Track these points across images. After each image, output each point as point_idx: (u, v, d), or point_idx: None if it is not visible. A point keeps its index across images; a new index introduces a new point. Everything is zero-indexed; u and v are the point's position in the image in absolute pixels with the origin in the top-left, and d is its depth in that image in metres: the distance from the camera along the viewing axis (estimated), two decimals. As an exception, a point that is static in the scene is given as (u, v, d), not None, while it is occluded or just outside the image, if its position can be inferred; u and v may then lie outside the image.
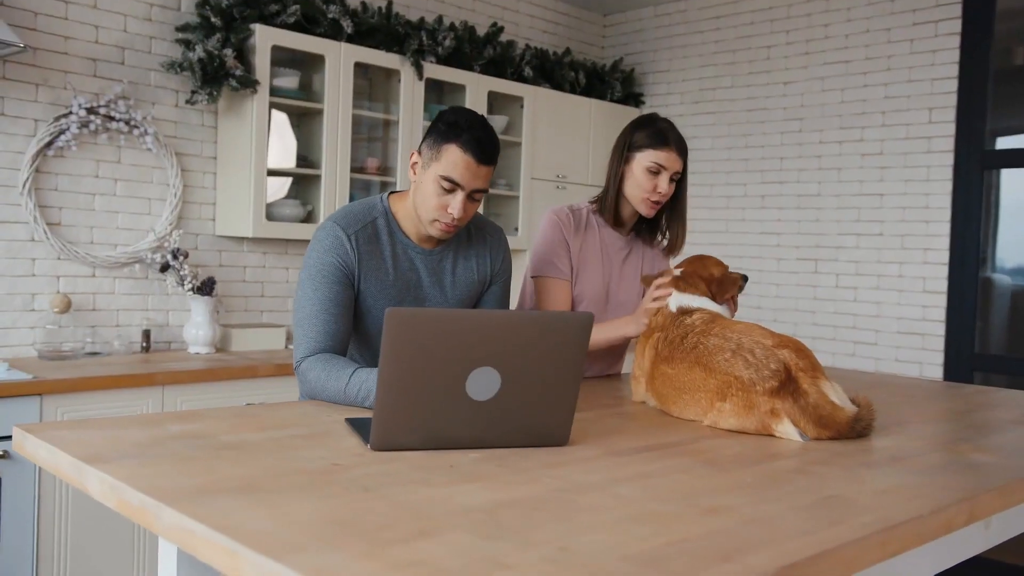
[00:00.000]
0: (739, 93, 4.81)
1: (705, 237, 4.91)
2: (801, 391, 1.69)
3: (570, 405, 1.53)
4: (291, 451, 1.43)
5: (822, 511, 1.21)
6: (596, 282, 2.41)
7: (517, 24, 4.98)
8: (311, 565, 0.91)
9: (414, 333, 1.40)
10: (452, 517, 1.11)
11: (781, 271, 4.61)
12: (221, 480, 1.23)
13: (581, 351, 1.51)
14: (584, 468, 1.40)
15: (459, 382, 1.44)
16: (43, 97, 3.35)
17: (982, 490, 1.37)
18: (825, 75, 4.47)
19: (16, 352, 3.33)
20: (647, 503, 1.22)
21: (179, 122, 3.71)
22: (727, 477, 1.39)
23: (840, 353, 4.39)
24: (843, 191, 4.40)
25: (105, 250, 3.53)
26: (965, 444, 1.74)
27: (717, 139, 4.89)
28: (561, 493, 1.25)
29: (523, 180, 4.62)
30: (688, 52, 5.05)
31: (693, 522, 1.13)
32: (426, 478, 1.30)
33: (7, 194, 3.29)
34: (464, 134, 1.90)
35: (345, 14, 3.82)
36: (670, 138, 2.34)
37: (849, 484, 1.37)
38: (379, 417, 1.43)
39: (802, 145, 4.55)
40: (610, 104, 5.03)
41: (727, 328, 1.82)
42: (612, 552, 1.00)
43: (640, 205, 2.36)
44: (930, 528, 1.22)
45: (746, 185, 4.77)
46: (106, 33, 3.50)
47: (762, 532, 1.10)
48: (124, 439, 1.44)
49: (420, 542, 1.01)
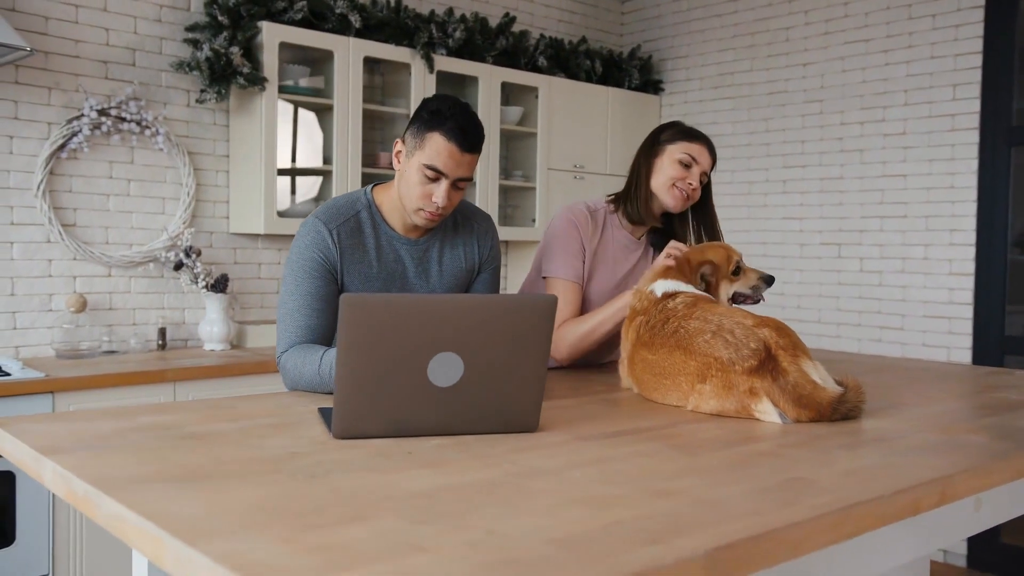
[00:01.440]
0: (759, 76, 4.72)
1: (728, 224, 4.82)
2: (781, 370, 1.65)
3: (538, 390, 1.51)
4: (253, 440, 1.42)
5: (778, 493, 1.17)
6: (607, 284, 2.36)
7: (532, 14, 4.95)
8: (222, 550, 0.90)
9: (370, 319, 1.38)
10: (390, 502, 1.09)
11: (804, 256, 4.52)
12: (170, 469, 1.23)
13: (545, 335, 1.48)
14: (546, 453, 1.37)
15: (420, 368, 1.43)
16: (56, 100, 3.41)
17: (959, 469, 1.32)
18: (845, 55, 4.37)
19: (35, 352, 3.40)
20: (597, 487, 1.19)
21: (191, 121, 3.75)
22: (691, 460, 1.35)
23: (866, 339, 4.29)
24: (866, 173, 4.30)
25: (120, 250, 3.58)
26: (960, 424, 1.67)
27: (737, 124, 4.81)
28: (513, 478, 1.22)
29: (539, 171, 4.59)
30: (707, 36, 4.97)
31: (637, 505, 1.10)
32: (379, 465, 1.28)
33: (22, 197, 3.35)
34: (448, 122, 1.88)
35: (353, 9, 3.82)
36: (701, 135, 2.33)
37: (818, 466, 1.32)
38: (339, 405, 1.42)
39: (823, 127, 4.46)
40: (628, 92, 4.97)
41: (708, 311, 1.78)
42: (539, 535, 0.98)
43: (667, 195, 2.29)
44: (892, 509, 1.17)
45: (768, 170, 4.68)
46: (116, 35, 3.55)
47: (706, 514, 1.07)
48: (88, 431, 1.45)
49: (346, 527, 0.99)
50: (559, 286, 2.28)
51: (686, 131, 2.33)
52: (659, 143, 2.33)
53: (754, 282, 2.10)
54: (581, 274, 2.30)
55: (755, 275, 2.11)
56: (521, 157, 4.74)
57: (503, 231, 4.49)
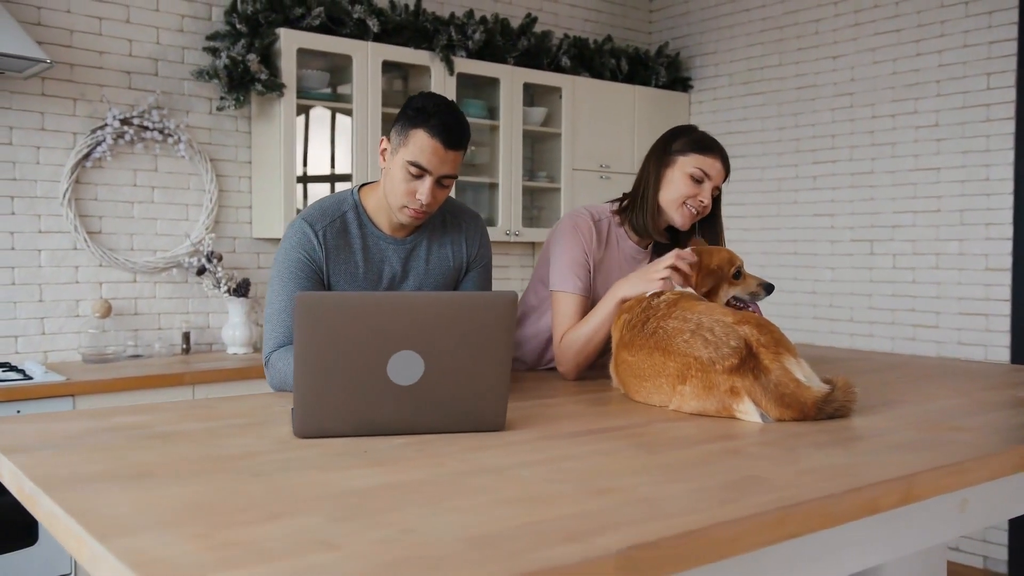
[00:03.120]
0: (788, 71, 4.63)
1: (757, 222, 4.76)
2: (762, 368, 1.61)
3: (502, 389, 1.49)
4: (216, 440, 1.43)
5: (723, 491, 1.14)
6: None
7: (556, 15, 4.93)
8: (128, 547, 0.90)
9: (326, 317, 1.38)
10: (320, 501, 1.08)
11: (835, 253, 4.42)
12: (120, 468, 1.24)
13: (507, 333, 1.46)
14: (502, 452, 1.35)
15: (380, 367, 1.42)
16: (80, 111, 3.49)
17: (928, 468, 1.27)
18: (876, 46, 4.26)
19: (63, 356, 3.48)
20: (539, 485, 1.17)
21: (214, 129, 3.81)
22: (650, 459, 1.32)
23: (900, 337, 4.17)
24: (898, 167, 4.18)
25: (145, 256, 3.65)
26: (949, 422, 1.61)
27: (767, 120, 4.72)
28: (457, 476, 1.21)
29: (564, 171, 4.56)
30: (735, 32, 4.89)
31: (572, 504, 1.08)
32: (328, 463, 1.28)
33: (49, 205, 3.44)
34: (432, 119, 1.88)
35: (371, 13, 3.85)
36: (716, 147, 2.18)
37: (778, 464, 1.28)
38: (299, 404, 1.42)
39: (854, 121, 4.35)
40: (655, 90, 4.92)
41: (688, 309, 1.74)
42: (456, 532, 0.96)
43: (676, 213, 2.17)
44: (844, 508, 1.13)
45: (797, 166, 4.59)
46: (139, 46, 3.62)
47: (638, 512, 1.04)
48: (59, 431, 1.47)
49: (264, 524, 0.99)
50: (564, 300, 2.16)
51: (700, 141, 2.17)
52: (671, 152, 2.19)
53: (753, 288, 2.05)
54: (587, 284, 2.18)
55: (755, 281, 2.05)
56: (546, 158, 4.72)
57: (528, 232, 4.47)
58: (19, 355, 3.40)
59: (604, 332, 2.07)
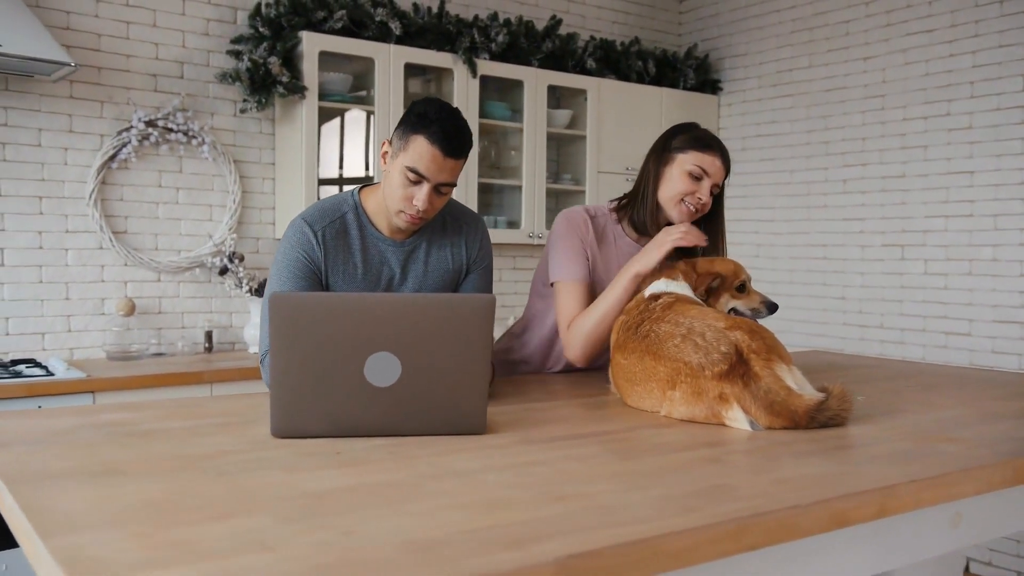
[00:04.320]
0: (817, 73, 4.55)
1: (786, 226, 4.68)
2: (752, 375, 1.57)
3: (481, 392, 1.48)
4: (195, 438, 1.44)
5: (686, 500, 1.11)
6: None
7: (584, 16, 4.90)
8: (66, 544, 0.91)
9: (301, 317, 1.38)
10: (275, 501, 1.08)
11: (865, 259, 4.33)
12: (90, 465, 1.25)
13: (485, 335, 1.45)
14: (475, 456, 1.34)
15: (357, 368, 1.41)
16: (108, 113, 3.55)
17: (909, 479, 1.23)
18: (908, 46, 4.17)
19: (88, 354, 3.54)
20: (501, 490, 1.15)
21: (238, 131, 3.85)
22: (623, 465, 1.30)
23: (931, 345, 4.07)
24: (929, 170, 4.09)
25: (169, 256, 3.71)
26: (946, 433, 1.56)
27: (796, 123, 4.65)
28: (421, 479, 1.20)
29: (589, 174, 4.54)
30: (765, 33, 4.83)
31: (527, 510, 1.06)
32: (296, 464, 1.28)
33: (76, 205, 3.50)
34: (432, 126, 1.87)
35: (393, 16, 3.86)
36: (715, 144, 2.17)
37: (753, 473, 1.25)
38: (275, 404, 1.42)
39: (884, 124, 4.26)
40: (683, 92, 4.87)
41: (681, 313, 1.71)
42: (397, 537, 0.95)
43: (674, 210, 2.16)
44: (811, 520, 1.10)
45: (827, 169, 4.50)
46: (165, 49, 3.68)
47: (591, 519, 1.02)
48: (43, 427, 1.49)
49: (210, 524, 0.99)
50: (567, 288, 2.16)
51: (699, 139, 2.16)
52: (670, 150, 2.18)
53: (756, 304, 1.99)
54: (588, 272, 2.17)
55: (758, 297, 2.00)
56: (571, 161, 4.70)
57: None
58: (45, 352, 3.47)
59: (616, 313, 2.02)
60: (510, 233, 4.32)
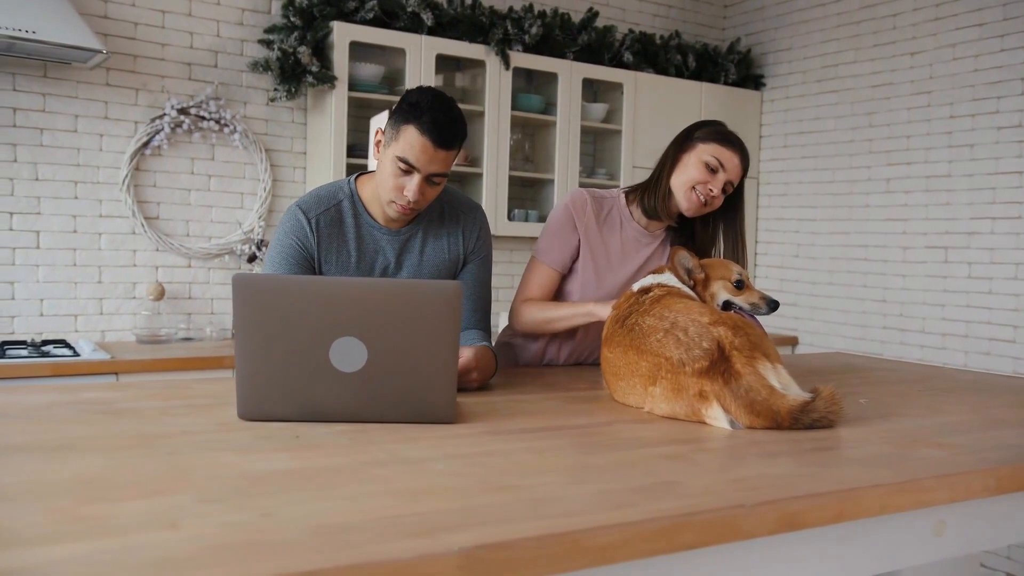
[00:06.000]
0: (863, 68, 4.42)
1: (827, 225, 4.56)
2: (734, 372, 1.52)
3: (449, 381, 1.45)
4: (163, 418, 1.44)
5: (630, 496, 1.07)
6: (609, 277, 2.21)
7: (624, 10, 4.84)
8: (-22, 515, 0.91)
9: (263, 300, 1.38)
10: (207, 482, 1.07)
11: (907, 261, 4.19)
12: (47, 440, 1.26)
13: (453, 323, 1.42)
14: (433, 444, 1.32)
15: (322, 352, 1.41)
16: (142, 100, 3.62)
17: (872, 484, 1.17)
18: (956, 41, 4.02)
19: (119, 336, 3.62)
20: (443, 479, 1.13)
21: (270, 119, 3.89)
22: (580, 459, 1.26)
23: (974, 352, 3.92)
24: (976, 170, 3.93)
25: (200, 242, 3.76)
26: (936, 439, 1.49)
27: (839, 119, 4.52)
28: (366, 466, 1.18)
29: (624, 169, 4.48)
30: (810, 27, 4.70)
31: (456, 499, 1.04)
32: (250, 446, 1.27)
33: (110, 191, 3.58)
34: (424, 116, 1.85)
35: (425, 7, 3.85)
36: (737, 143, 2.14)
37: (712, 472, 1.21)
38: (241, 386, 1.42)
39: (930, 121, 4.11)
40: (724, 87, 4.77)
41: (667, 307, 1.67)
42: (309, 521, 0.93)
43: (683, 197, 2.13)
44: (758, 520, 1.05)
45: (870, 168, 4.37)
46: (200, 38, 3.73)
47: (518, 511, 0.99)
48: (22, 402, 1.51)
49: (131, 502, 0.98)
50: (539, 269, 2.23)
51: (722, 133, 2.14)
52: (691, 139, 2.16)
53: (755, 299, 1.91)
54: (566, 265, 2.21)
55: (758, 293, 1.93)
56: (607, 156, 4.64)
57: (583, 230, 4.40)
58: (78, 333, 3.55)
59: (561, 327, 2.18)
60: (541, 227, 4.28)
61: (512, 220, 4.24)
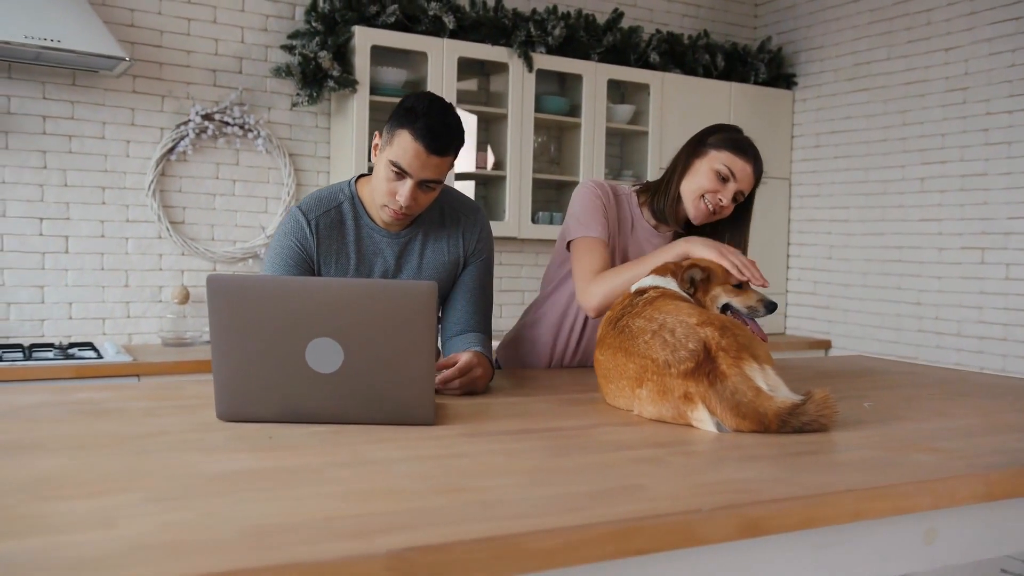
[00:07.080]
0: (896, 65, 4.31)
1: (860, 226, 4.46)
2: (719, 373, 1.48)
3: (427, 382, 1.44)
4: (144, 418, 1.45)
5: (587, 499, 1.04)
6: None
7: (652, 10, 4.79)
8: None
9: (238, 301, 1.38)
10: (163, 482, 1.07)
11: (943, 262, 4.08)
12: (20, 439, 1.27)
13: (428, 323, 1.41)
14: (402, 446, 1.30)
15: (298, 353, 1.40)
16: (168, 107, 3.68)
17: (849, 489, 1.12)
18: (993, 36, 3.90)
19: (145, 339, 3.67)
20: (399, 480, 1.11)
21: (294, 125, 3.92)
22: (549, 462, 1.24)
23: (1012, 355, 3.80)
24: (1013, 168, 3.81)
25: (224, 246, 3.81)
26: (931, 443, 1.43)
27: (872, 118, 4.42)
28: (328, 467, 1.17)
29: (651, 170, 4.43)
30: (842, 25, 4.61)
31: (406, 501, 1.02)
32: (220, 446, 1.27)
33: (137, 196, 3.64)
34: (418, 121, 1.83)
35: (447, 10, 3.86)
36: (751, 151, 2.08)
37: (678, 476, 1.17)
38: (218, 387, 1.42)
39: (966, 119, 4.00)
40: (754, 87, 4.70)
41: (658, 308, 1.63)
42: (248, 521, 0.92)
43: (692, 204, 2.09)
44: (716, 526, 1.01)
45: (904, 167, 4.26)
46: (224, 45, 3.78)
47: (464, 514, 0.97)
48: (12, 402, 1.54)
49: (78, 500, 0.98)
50: (589, 244, 2.06)
51: (735, 141, 2.08)
52: (704, 144, 2.10)
53: (753, 302, 1.84)
54: (613, 236, 2.12)
55: (755, 296, 1.87)
56: (634, 157, 4.60)
57: (609, 232, 4.36)
58: (105, 336, 3.61)
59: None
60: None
61: (536, 223, 4.22)
